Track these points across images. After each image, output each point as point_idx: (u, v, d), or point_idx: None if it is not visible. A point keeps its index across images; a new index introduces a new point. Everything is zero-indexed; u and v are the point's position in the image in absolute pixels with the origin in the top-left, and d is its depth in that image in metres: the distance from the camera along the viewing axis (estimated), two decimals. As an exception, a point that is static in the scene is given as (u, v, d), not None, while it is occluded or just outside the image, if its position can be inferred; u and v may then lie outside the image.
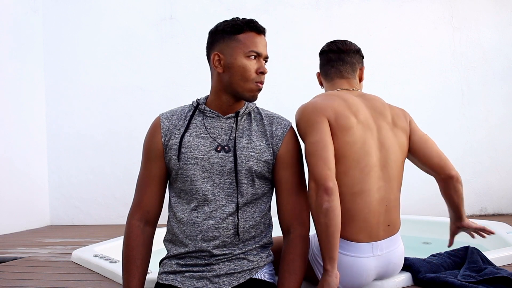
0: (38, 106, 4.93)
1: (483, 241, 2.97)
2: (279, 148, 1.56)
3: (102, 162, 4.85)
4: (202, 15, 4.75)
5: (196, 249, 1.51)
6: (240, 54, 1.51)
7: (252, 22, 1.54)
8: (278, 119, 1.61)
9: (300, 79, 4.57)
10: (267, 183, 1.59)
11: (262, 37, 1.55)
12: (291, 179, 1.57)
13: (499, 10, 4.38)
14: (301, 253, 1.53)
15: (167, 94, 4.73)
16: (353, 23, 4.55)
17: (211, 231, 1.50)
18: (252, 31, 1.53)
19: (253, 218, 1.55)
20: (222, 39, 1.54)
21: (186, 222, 1.52)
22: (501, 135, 4.30)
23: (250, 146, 1.54)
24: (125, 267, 1.56)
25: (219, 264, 1.51)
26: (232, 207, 1.51)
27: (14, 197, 4.47)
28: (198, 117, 1.59)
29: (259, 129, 1.59)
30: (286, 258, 1.53)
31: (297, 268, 1.51)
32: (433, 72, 4.41)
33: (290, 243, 1.54)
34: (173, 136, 1.57)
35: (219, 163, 1.53)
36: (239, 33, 1.52)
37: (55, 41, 5.01)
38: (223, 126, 1.57)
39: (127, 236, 1.58)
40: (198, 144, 1.54)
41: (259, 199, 1.57)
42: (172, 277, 1.55)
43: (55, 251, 3.23)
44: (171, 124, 1.60)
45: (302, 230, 1.55)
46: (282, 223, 1.59)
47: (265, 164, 1.55)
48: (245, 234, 1.53)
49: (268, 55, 1.57)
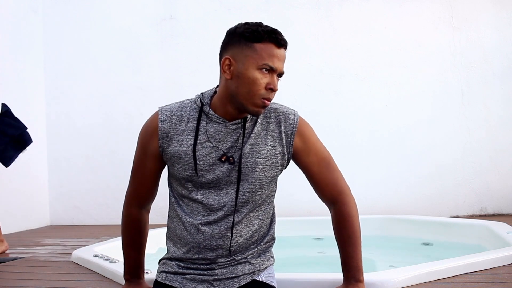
0: (38, 106, 4.93)
1: (483, 241, 2.98)
2: (292, 145, 1.52)
3: (102, 162, 4.85)
4: (202, 15, 4.75)
5: (199, 256, 1.50)
6: (252, 64, 1.40)
7: (274, 32, 1.42)
8: (284, 115, 1.52)
9: (300, 79, 4.56)
10: (274, 181, 1.56)
11: (282, 51, 1.43)
12: (316, 160, 1.55)
13: (499, 10, 4.37)
14: (353, 220, 1.54)
15: (167, 94, 4.72)
16: (353, 23, 4.55)
17: (215, 240, 1.48)
18: (272, 43, 1.41)
19: (257, 223, 1.53)
20: (238, 44, 1.43)
21: (189, 228, 1.50)
22: (501, 135, 4.30)
23: (255, 151, 1.48)
24: (126, 245, 1.67)
25: (221, 269, 1.50)
26: (237, 217, 1.49)
27: (14, 197, 4.46)
28: (203, 121, 1.49)
29: (263, 129, 1.50)
30: (342, 234, 1.54)
31: (357, 240, 1.53)
32: (433, 72, 4.41)
33: (339, 217, 1.55)
34: (174, 143, 1.49)
35: (224, 173, 1.47)
36: (258, 42, 1.40)
37: (55, 41, 5.01)
38: (228, 132, 1.48)
39: (126, 220, 1.66)
40: (203, 154, 1.47)
41: (265, 200, 1.56)
42: (172, 277, 1.54)
43: (55, 251, 3.22)
44: (170, 126, 1.50)
45: (345, 198, 1.55)
46: (325, 200, 1.59)
47: (273, 168, 1.51)
48: (249, 240, 1.52)
49: (283, 71, 1.46)
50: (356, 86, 4.50)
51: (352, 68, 4.51)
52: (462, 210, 4.29)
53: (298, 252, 3.60)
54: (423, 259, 2.85)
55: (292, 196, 4.13)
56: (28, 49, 4.82)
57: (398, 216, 3.81)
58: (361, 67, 4.50)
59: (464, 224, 3.36)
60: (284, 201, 3.84)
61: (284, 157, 1.52)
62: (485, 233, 3.03)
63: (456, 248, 3.07)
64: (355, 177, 4.31)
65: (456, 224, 3.41)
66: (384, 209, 4.24)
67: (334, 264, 1.68)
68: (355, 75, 4.51)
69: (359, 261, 1.55)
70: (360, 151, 4.45)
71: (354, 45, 4.53)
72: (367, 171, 4.42)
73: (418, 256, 3.13)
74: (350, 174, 4.19)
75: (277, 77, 1.44)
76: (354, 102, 4.51)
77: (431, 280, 1.99)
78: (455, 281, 1.97)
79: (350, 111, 4.50)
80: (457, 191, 4.30)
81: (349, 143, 4.45)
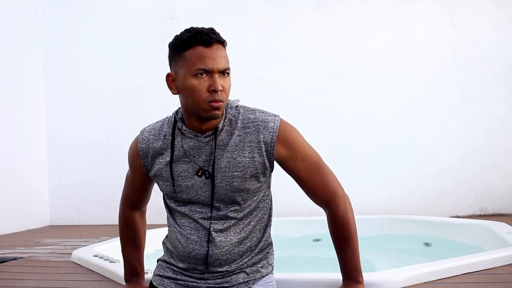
0: (38, 106, 4.92)
1: (483, 241, 2.98)
2: (273, 154, 1.45)
3: (102, 162, 4.85)
4: (202, 15, 4.75)
5: (190, 266, 1.49)
6: (187, 73, 1.37)
7: (200, 33, 1.36)
8: (263, 124, 1.44)
9: (300, 79, 4.56)
10: (263, 186, 1.52)
11: (213, 48, 1.36)
12: (304, 164, 1.48)
13: (499, 10, 4.37)
14: (348, 222, 1.51)
15: (167, 94, 4.68)
16: (353, 23, 4.54)
17: (204, 250, 1.46)
18: (199, 45, 1.36)
19: (248, 229, 1.49)
20: (173, 57, 1.42)
21: (180, 238, 1.50)
22: (501, 135, 4.29)
23: (231, 164, 1.43)
24: (124, 244, 1.70)
25: (214, 280, 1.48)
26: (223, 228, 1.46)
27: (14, 197, 4.46)
28: (178, 136, 1.47)
29: (240, 140, 1.44)
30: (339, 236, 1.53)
31: (354, 241, 1.52)
32: (433, 72, 4.41)
33: (334, 221, 1.53)
34: (156, 161, 1.50)
35: (203, 188, 1.45)
36: (186, 50, 1.37)
37: (55, 41, 5.01)
38: (202, 146, 1.45)
39: (122, 220, 1.71)
40: (181, 170, 1.47)
41: (257, 206, 1.52)
42: (166, 282, 1.54)
43: (55, 251, 3.22)
44: (148, 146, 1.51)
45: (339, 200, 1.51)
46: (318, 204, 1.56)
47: (254, 179, 1.45)
48: (240, 248, 1.49)
49: (225, 67, 1.38)
50: (356, 86, 4.50)
51: (352, 68, 4.51)
52: (462, 210, 4.28)
53: (297, 252, 3.60)
54: (423, 259, 2.84)
55: (292, 196, 4.11)
56: (28, 49, 4.82)
57: (398, 216, 3.81)
58: (361, 67, 4.50)
59: (464, 224, 3.36)
60: (284, 201, 3.86)
61: (265, 166, 1.46)
62: (485, 233, 3.02)
63: (456, 248, 3.07)
64: (355, 177, 4.33)
65: (456, 224, 3.41)
66: (384, 209, 4.23)
67: (334, 264, 1.67)
68: (355, 75, 4.50)
69: (357, 262, 1.53)
70: (360, 151, 4.44)
71: (354, 45, 4.53)
72: (367, 171, 4.42)
73: (418, 256, 3.13)
74: (350, 174, 4.26)
75: (222, 74, 1.38)
76: (354, 102, 4.50)
77: (431, 280, 1.99)
78: (455, 281, 1.97)
79: (350, 111, 4.50)
80: (457, 191, 4.30)
81: (349, 143, 4.45)
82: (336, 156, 4.16)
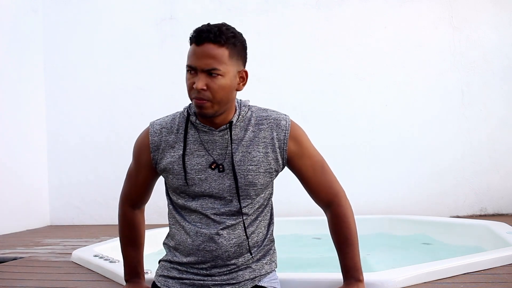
0: (38, 106, 4.92)
1: (483, 241, 2.98)
2: (286, 151, 1.51)
3: (102, 161, 4.85)
4: (202, 15, 4.74)
5: (198, 259, 1.49)
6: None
7: (197, 31, 1.40)
8: (276, 122, 1.51)
9: (300, 79, 4.56)
10: (271, 183, 1.56)
11: (202, 47, 1.38)
12: (310, 163, 1.54)
13: (499, 10, 4.37)
14: (349, 221, 1.55)
15: (167, 94, 4.72)
16: (353, 23, 4.55)
17: (214, 242, 1.47)
18: (193, 42, 1.40)
19: (255, 224, 1.53)
20: None
21: (189, 231, 1.50)
22: (501, 135, 4.30)
23: (246, 159, 1.47)
24: (124, 244, 1.69)
25: (221, 276, 1.49)
26: (235, 223, 1.48)
27: (14, 197, 4.46)
28: (191, 130, 1.50)
29: (254, 136, 1.49)
30: (339, 235, 1.55)
31: (354, 240, 1.54)
32: (433, 72, 4.41)
33: (335, 220, 1.56)
34: (167, 155, 1.50)
35: (217, 181, 1.47)
36: (190, 45, 1.43)
37: (55, 41, 5.01)
38: (216, 140, 1.48)
39: (122, 219, 1.69)
40: (194, 163, 1.48)
41: (262, 204, 1.55)
42: (171, 282, 1.53)
43: (55, 251, 3.22)
44: (161, 139, 1.51)
45: (340, 200, 1.56)
46: (320, 203, 1.59)
47: (267, 174, 1.50)
48: (248, 241, 1.51)
49: (211, 67, 1.37)
50: (356, 86, 4.50)
51: (352, 68, 4.51)
52: (462, 210, 4.29)
53: (298, 252, 3.60)
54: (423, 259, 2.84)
55: (292, 196, 4.11)
56: (28, 49, 4.82)
57: (398, 216, 3.81)
58: (361, 67, 4.50)
59: (464, 224, 3.36)
60: (284, 201, 3.86)
61: (278, 163, 1.51)
62: (485, 233, 3.03)
63: (456, 248, 3.06)
64: (355, 177, 4.33)
65: (456, 224, 3.41)
66: (384, 209, 4.24)
67: (334, 264, 1.68)
68: (355, 75, 4.51)
69: (357, 261, 1.55)
70: (360, 151, 4.45)
71: (354, 45, 4.53)
72: (367, 171, 4.42)
73: (418, 256, 3.13)
74: (350, 174, 4.26)
75: (208, 74, 1.38)
76: (354, 102, 4.51)
77: (431, 280, 1.99)
78: (455, 281, 1.97)
79: (350, 111, 4.50)
80: (457, 191, 4.30)
81: (349, 143, 4.45)
82: (336, 156, 4.14)
